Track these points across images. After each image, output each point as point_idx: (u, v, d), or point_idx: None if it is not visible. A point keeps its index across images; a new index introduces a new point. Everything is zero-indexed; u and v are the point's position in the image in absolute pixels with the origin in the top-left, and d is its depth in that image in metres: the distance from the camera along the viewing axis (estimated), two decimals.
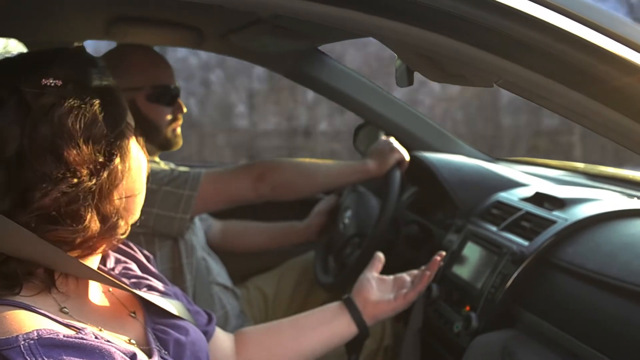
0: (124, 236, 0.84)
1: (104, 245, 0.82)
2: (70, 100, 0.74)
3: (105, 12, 1.69)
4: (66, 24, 1.78)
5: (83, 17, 1.74)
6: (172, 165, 1.83)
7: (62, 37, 1.84)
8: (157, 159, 1.73)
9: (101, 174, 0.76)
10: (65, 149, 0.73)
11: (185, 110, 1.73)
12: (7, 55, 0.81)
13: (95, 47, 3.76)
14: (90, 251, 0.80)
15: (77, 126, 0.74)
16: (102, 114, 0.77)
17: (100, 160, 0.76)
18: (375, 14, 0.75)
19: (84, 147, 0.74)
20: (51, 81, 0.74)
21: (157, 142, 1.68)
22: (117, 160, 0.78)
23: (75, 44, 1.91)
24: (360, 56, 8.04)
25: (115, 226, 0.80)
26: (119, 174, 0.79)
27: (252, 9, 1.22)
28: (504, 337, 1.25)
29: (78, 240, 0.76)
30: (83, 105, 0.75)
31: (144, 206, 0.91)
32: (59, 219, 0.73)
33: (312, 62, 2.06)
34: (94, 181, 0.75)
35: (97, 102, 0.77)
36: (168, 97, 1.67)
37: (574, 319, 1.15)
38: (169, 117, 1.69)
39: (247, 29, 1.67)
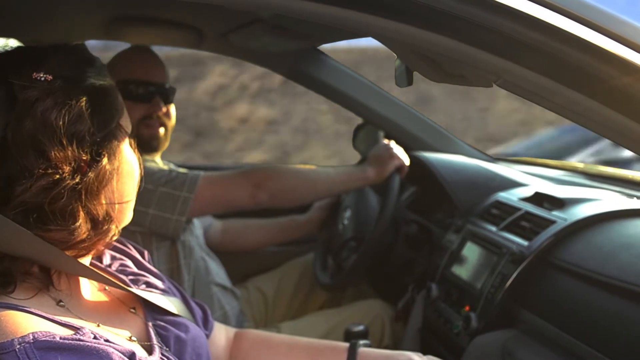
0: (114, 238, 0.83)
1: (98, 247, 0.81)
2: (55, 96, 0.73)
3: (105, 11, 1.69)
4: (66, 23, 1.78)
5: (83, 16, 1.74)
6: (172, 166, 1.82)
7: (62, 36, 1.84)
8: (157, 158, 1.72)
9: (88, 173, 0.75)
10: (47, 144, 0.72)
11: (164, 110, 1.67)
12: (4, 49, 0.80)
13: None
14: (85, 252, 0.80)
15: (60, 122, 0.73)
16: (90, 112, 0.76)
17: (84, 158, 0.75)
18: (374, 14, 0.75)
19: (67, 144, 0.73)
20: (41, 75, 0.74)
21: None
22: (105, 160, 0.77)
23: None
24: None
25: (106, 228, 0.79)
26: (107, 174, 0.78)
27: (251, 9, 1.23)
28: (503, 337, 1.25)
29: (73, 240, 0.75)
30: (69, 102, 0.74)
31: (140, 206, 0.91)
32: (49, 217, 0.73)
33: (311, 62, 2.06)
34: (77, 179, 0.74)
35: (84, 99, 0.76)
36: (139, 92, 1.63)
37: (574, 319, 1.15)
38: (140, 114, 1.64)
39: (246, 29, 1.67)
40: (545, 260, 1.29)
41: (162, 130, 1.69)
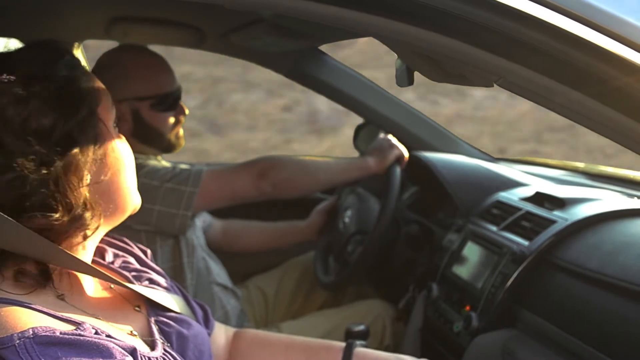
0: (91, 232, 0.80)
1: (70, 239, 0.79)
2: (13, 93, 0.74)
3: (105, 11, 1.69)
4: (66, 23, 1.78)
5: (84, 16, 1.74)
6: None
7: (63, 36, 1.84)
8: (159, 157, 1.73)
9: (55, 164, 0.74)
10: (7, 140, 0.72)
11: (187, 111, 1.72)
12: None
13: None
14: (59, 243, 0.78)
15: (17, 118, 0.73)
16: (54, 105, 0.76)
17: (45, 151, 0.74)
18: (375, 14, 0.75)
19: (27, 137, 0.73)
20: (4, 77, 0.74)
21: (160, 147, 1.68)
22: (76, 150, 0.76)
23: (76, 44, 1.91)
24: None
25: (80, 218, 0.77)
26: (79, 164, 0.76)
27: (252, 9, 1.23)
28: (504, 337, 1.25)
29: (55, 229, 0.74)
30: (27, 98, 0.74)
31: (146, 203, 0.90)
32: (25, 208, 0.72)
33: (312, 61, 2.06)
34: (44, 171, 0.73)
35: (46, 93, 0.76)
36: (171, 102, 1.67)
37: (574, 319, 1.15)
38: (172, 121, 1.68)
39: (247, 29, 1.67)
40: (546, 260, 1.29)
41: (181, 129, 1.74)
